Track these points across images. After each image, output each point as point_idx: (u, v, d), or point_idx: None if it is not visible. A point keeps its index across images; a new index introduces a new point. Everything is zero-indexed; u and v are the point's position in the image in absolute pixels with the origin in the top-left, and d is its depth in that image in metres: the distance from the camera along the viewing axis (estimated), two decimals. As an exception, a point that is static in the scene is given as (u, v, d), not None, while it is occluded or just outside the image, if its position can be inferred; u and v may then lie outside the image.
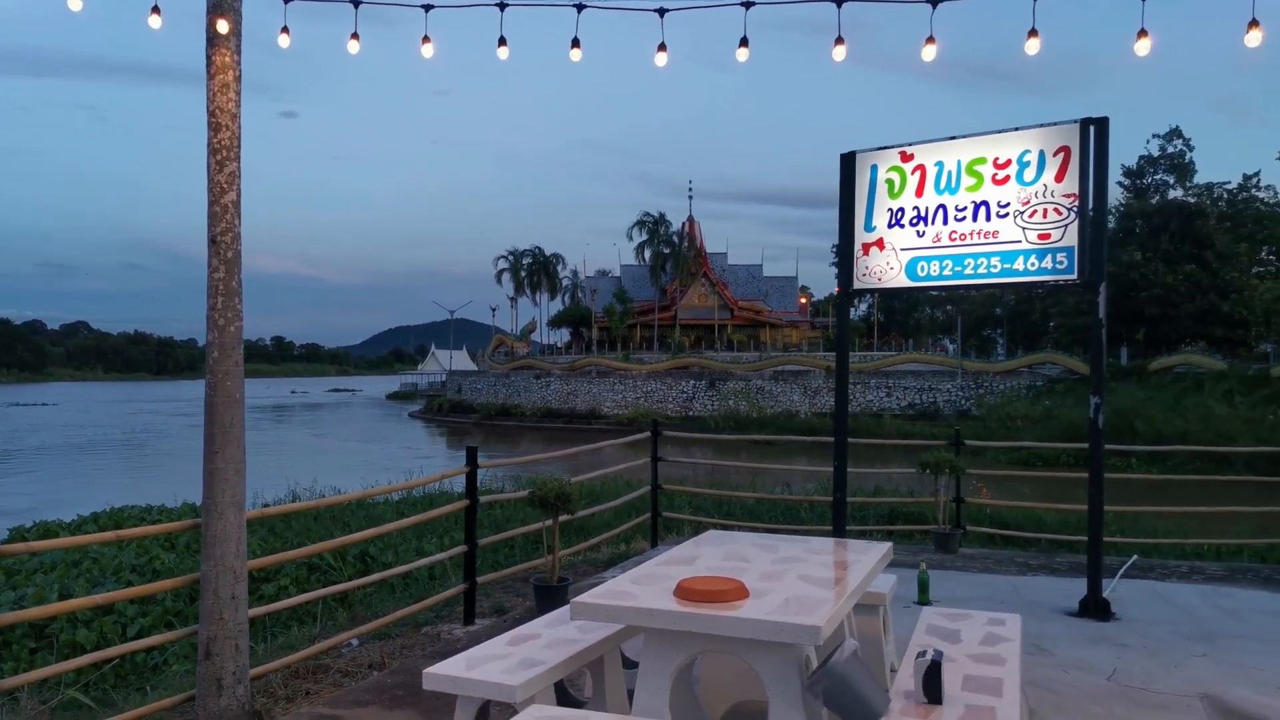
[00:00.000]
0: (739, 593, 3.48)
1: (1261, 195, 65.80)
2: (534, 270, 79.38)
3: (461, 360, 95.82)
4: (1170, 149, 68.16)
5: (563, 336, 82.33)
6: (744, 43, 4.56)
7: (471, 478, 6.43)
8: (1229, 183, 66.51)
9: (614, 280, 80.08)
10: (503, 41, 4.65)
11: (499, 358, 74.64)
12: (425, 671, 3.65)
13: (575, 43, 4.58)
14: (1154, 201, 63.87)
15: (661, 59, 4.59)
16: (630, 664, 4.40)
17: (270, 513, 6.14)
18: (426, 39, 4.66)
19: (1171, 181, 68.00)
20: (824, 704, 3.25)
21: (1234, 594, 7.08)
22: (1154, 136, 68.56)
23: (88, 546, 10.02)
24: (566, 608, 4.41)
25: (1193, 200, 63.20)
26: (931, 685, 3.29)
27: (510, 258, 79.58)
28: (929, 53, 4.71)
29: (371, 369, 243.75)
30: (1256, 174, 64.14)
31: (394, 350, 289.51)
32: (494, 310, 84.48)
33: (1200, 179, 67.29)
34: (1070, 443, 15.77)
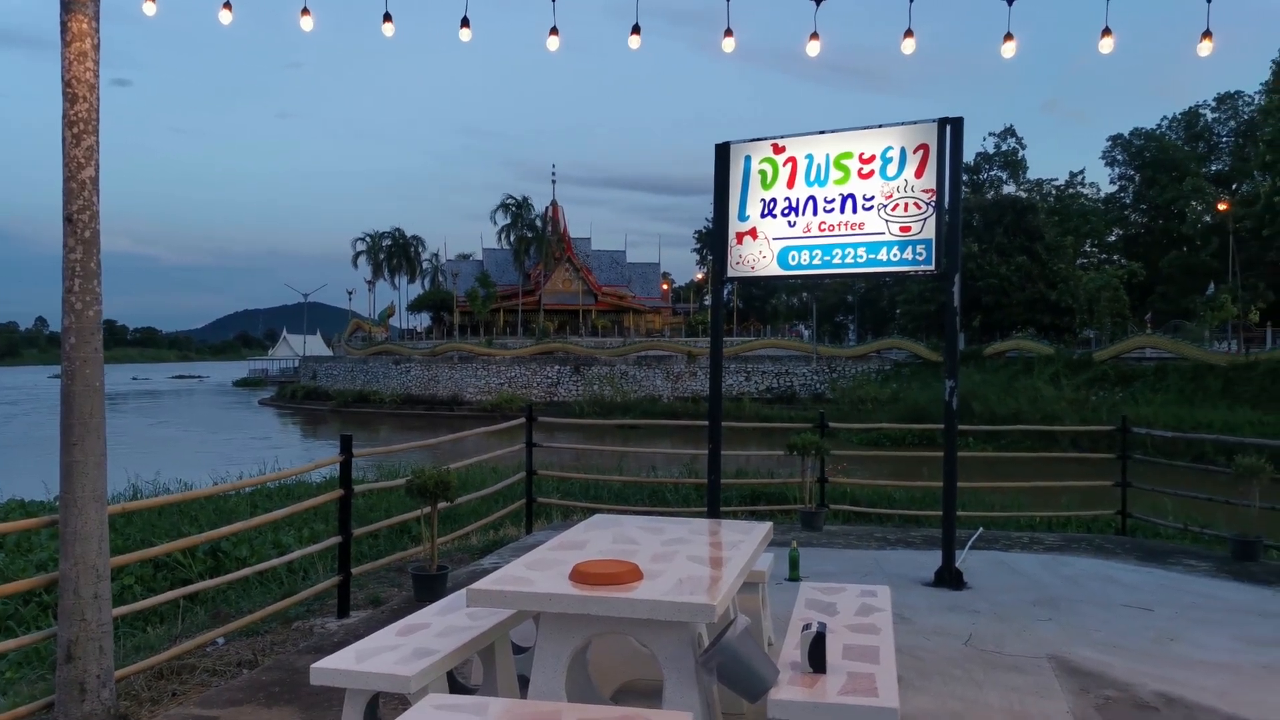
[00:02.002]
0: (633, 575, 3.55)
1: (1086, 191, 71.34)
2: (393, 253, 77.19)
3: (316, 345, 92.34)
4: (1004, 146, 72.67)
5: (423, 321, 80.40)
6: (636, 30, 4.59)
7: (347, 466, 6.26)
8: (1057, 179, 71.76)
9: (476, 264, 78.74)
10: (388, 18, 4.50)
11: (356, 343, 72.27)
12: (313, 666, 3.55)
13: (465, 22, 4.47)
14: (989, 196, 67.91)
15: (553, 43, 4.55)
16: (518, 649, 4.41)
17: (134, 507, 5.77)
18: (306, 11, 4.46)
19: (1005, 177, 72.56)
20: (717, 678, 3.36)
21: (1071, 562, 7.69)
22: (990, 134, 72.95)
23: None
24: (456, 595, 4.38)
25: (1024, 195, 67.66)
26: (817, 655, 3.45)
27: (368, 240, 77.14)
28: (813, 49, 4.86)
29: (216, 354, 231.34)
30: (1081, 171, 69.49)
31: (241, 335, 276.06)
32: (350, 294, 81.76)
33: (1031, 175, 72.17)
34: (915, 423, 16.67)
